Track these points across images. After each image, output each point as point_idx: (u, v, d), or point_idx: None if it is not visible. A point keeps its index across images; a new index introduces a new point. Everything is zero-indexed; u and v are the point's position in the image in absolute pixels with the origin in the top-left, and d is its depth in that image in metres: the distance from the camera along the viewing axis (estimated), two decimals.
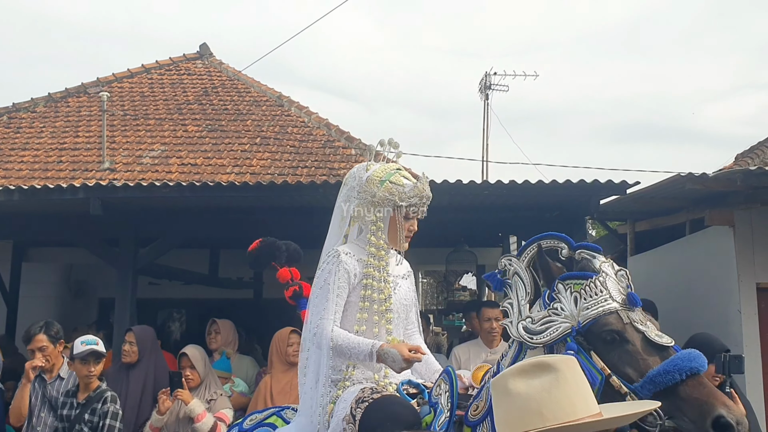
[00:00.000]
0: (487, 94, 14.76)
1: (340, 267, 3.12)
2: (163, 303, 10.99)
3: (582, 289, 2.51)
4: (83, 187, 6.41)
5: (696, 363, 2.31)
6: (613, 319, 2.45)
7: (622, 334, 2.42)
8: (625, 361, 2.39)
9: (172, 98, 11.64)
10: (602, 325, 2.44)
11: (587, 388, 1.91)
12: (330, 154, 9.93)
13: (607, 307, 2.47)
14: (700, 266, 7.51)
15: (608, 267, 2.58)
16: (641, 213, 8.61)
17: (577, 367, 1.93)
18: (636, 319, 2.47)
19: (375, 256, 3.15)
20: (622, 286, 2.54)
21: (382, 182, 3.18)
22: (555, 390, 1.85)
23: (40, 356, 5.13)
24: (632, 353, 2.39)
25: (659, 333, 2.45)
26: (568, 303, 2.52)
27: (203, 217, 7.36)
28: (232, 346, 6.41)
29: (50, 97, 11.44)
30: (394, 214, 3.18)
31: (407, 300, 3.30)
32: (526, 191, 6.48)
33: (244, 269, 10.70)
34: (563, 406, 1.83)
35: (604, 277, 2.53)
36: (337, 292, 3.10)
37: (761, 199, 6.52)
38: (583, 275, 2.55)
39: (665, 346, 2.40)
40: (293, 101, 11.54)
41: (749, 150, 10.09)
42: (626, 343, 2.41)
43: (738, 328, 6.73)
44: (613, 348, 2.42)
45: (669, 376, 2.28)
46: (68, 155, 9.77)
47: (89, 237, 7.17)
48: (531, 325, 2.57)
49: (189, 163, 9.52)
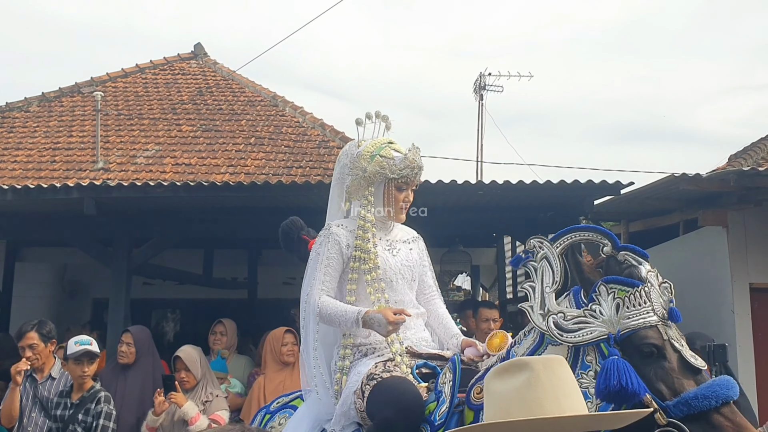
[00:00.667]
0: (481, 95, 14.78)
1: (330, 238, 3.22)
2: (157, 303, 10.98)
3: (627, 297, 2.43)
4: (77, 186, 6.39)
5: (732, 392, 2.30)
6: (653, 333, 2.40)
7: (662, 350, 2.38)
8: (660, 378, 2.36)
9: (166, 98, 11.61)
10: (642, 337, 2.39)
11: (567, 389, 1.87)
12: (325, 155, 9.92)
13: (649, 319, 2.41)
14: (694, 266, 7.54)
15: (653, 277, 2.51)
16: (635, 213, 8.64)
17: (559, 368, 1.91)
18: (673, 336, 2.42)
19: (362, 228, 3.20)
20: (664, 300, 2.48)
21: (372, 157, 3.24)
22: (526, 390, 1.84)
23: (26, 358, 5.10)
24: (668, 371, 2.36)
25: (694, 354, 2.43)
26: (609, 308, 2.44)
27: (197, 217, 7.35)
28: (233, 347, 6.41)
29: (44, 97, 11.40)
30: (386, 187, 3.24)
31: (410, 262, 3.32)
32: (521, 192, 6.50)
33: (238, 269, 10.70)
34: (530, 407, 1.81)
35: (649, 288, 2.46)
36: (326, 262, 3.18)
37: (754, 200, 6.56)
38: (630, 282, 2.46)
39: (699, 369, 2.40)
40: (288, 101, 11.53)
41: (742, 151, 10.11)
42: (663, 359, 2.38)
43: (731, 328, 6.78)
44: (650, 362, 2.38)
45: (705, 402, 2.26)
46: (62, 155, 9.74)
47: (83, 237, 7.15)
48: (563, 322, 2.50)
49: (183, 163, 9.50)
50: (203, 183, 6.61)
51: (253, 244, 10.44)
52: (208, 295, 10.40)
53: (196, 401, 5.25)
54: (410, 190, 3.30)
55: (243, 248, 10.65)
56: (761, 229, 6.93)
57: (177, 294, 10.93)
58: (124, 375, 5.49)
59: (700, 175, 6.47)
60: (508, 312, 9.05)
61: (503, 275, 11.58)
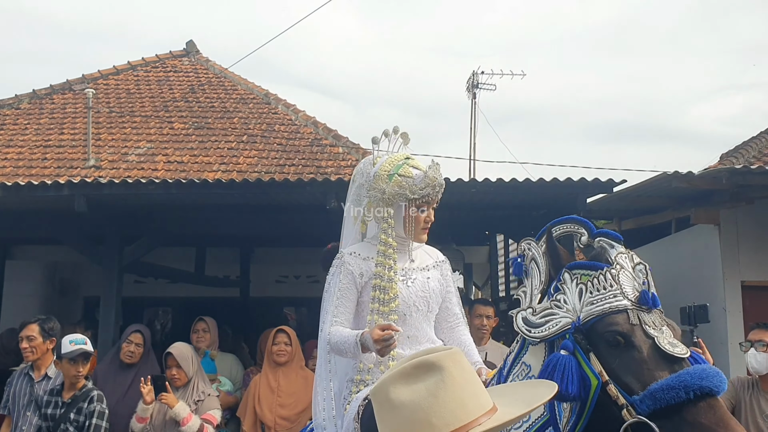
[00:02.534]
0: (474, 93, 14.78)
1: (343, 269, 3.06)
2: (149, 301, 10.95)
3: (590, 281, 2.19)
4: (68, 184, 6.35)
5: (708, 382, 1.97)
6: (620, 318, 2.13)
7: (629, 338, 2.10)
8: (628, 369, 2.08)
9: (158, 95, 11.57)
10: (607, 324, 2.13)
11: (477, 382, 1.70)
12: (317, 153, 9.89)
13: (616, 304, 2.15)
14: (686, 264, 7.56)
15: (625, 259, 2.26)
16: (627, 212, 8.66)
17: (463, 359, 1.73)
18: (649, 321, 2.14)
19: (384, 254, 3.05)
20: (638, 283, 2.21)
21: (390, 177, 3.06)
22: (442, 392, 1.64)
23: (22, 349, 5.09)
24: (637, 361, 2.08)
25: (674, 341, 2.11)
26: (572, 295, 2.23)
27: (189, 215, 7.32)
28: (215, 345, 6.38)
29: (35, 94, 11.34)
30: (406, 208, 3.07)
31: (426, 293, 3.11)
32: (514, 189, 6.49)
33: (230, 267, 10.68)
34: (453, 410, 1.62)
35: (617, 270, 2.20)
36: (338, 294, 3.03)
37: (746, 198, 6.57)
38: (593, 266, 2.24)
39: (677, 358, 2.07)
40: (280, 99, 11.49)
41: (734, 150, 10.14)
42: (632, 348, 2.10)
43: (723, 326, 6.80)
44: (617, 352, 2.11)
45: (672, 393, 1.97)
46: (53, 152, 9.68)
47: (74, 234, 7.11)
48: (531, 317, 2.31)
49: (175, 160, 9.46)
50: (195, 180, 6.58)
51: (246, 242, 10.42)
52: (200, 294, 10.36)
53: (188, 400, 5.21)
54: (431, 209, 3.11)
55: (235, 246, 10.63)
56: (753, 227, 6.96)
57: (169, 292, 10.89)
58: (124, 374, 5.47)
59: (692, 173, 6.49)
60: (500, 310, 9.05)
61: (496, 273, 11.59)
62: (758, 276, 6.95)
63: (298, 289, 11.33)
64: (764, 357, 4.44)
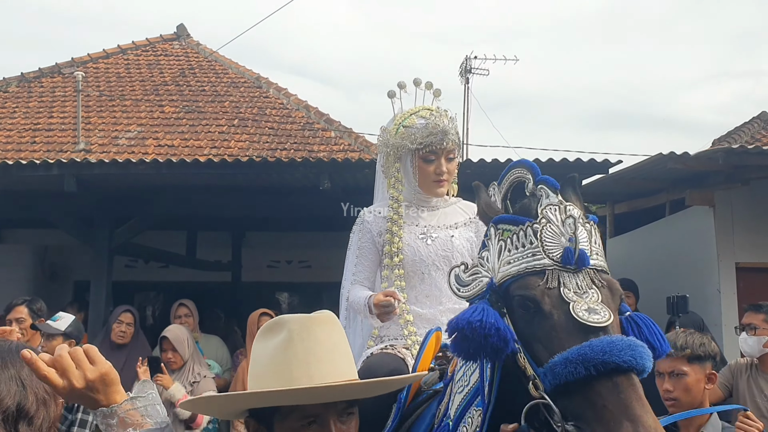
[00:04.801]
0: (467, 78, 14.70)
1: (363, 227, 3.02)
2: (140, 286, 10.87)
3: (510, 237, 1.91)
4: (57, 163, 6.27)
5: (614, 357, 1.66)
6: (534, 281, 1.84)
7: (539, 303, 1.82)
8: (539, 338, 1.81)
9: (148, 79, 11.46)
10: (519, 286, 1.86)
11: (323, 353, 1.63)
12: (309, 137, 9.83)
13: (534, 263, 1.85)
14: (680, 246, 7.54)
15: (555, 212, 1.91)
16: (621, 195, 8.64)
17: (320, 327, 1.65)
18: (572, 284, 1.82)
19: (393, 209, 2.97)
20: (565, 239, 1.87)
21: (397, 130, 2.97)
22: (280, 354, 1.61)
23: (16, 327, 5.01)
24: (548, 329, 1.80)
25: (594, 308, 1.78)
26: (493, 253, 1.97)
27: (180, 197, 7.25)
28: (197, 328, 6.32)
29: (23, 77, 11.21)
30: (412, 160, 2.95)
31: (448, 251, 2.93)
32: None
33: (221, 252, 10.61)
34: (280, 372, 1.60)
35: (541, 225, 1.88)
36: (357, 252, 2.99)
37: (741, 179, 6.54)
38: (515, 220, 1.94)
39: (592, 327, 1.74)
40: (271, 83, 11.41)
41: (726, 135, 10.15)
42: (543, 314, 1.81)
43: (717, 307, 6.78)
44: (530, 317, 1.84)
45: (570, 368, 1.67)
46: (42, 136, 9.59)
47: (64, 216, 7.03)
48: (462, 274, 2.07)
49: (166, 144, 9.38)
50: (186, 160, 6.51)
51: (237, 225, 10.36)
52: (191, 278, 10.30)
53: (184, 382, 5.17)
54: (443, 159, 2.91)
55: (226, 230, 10.57)
56: (748, 209, 6.94)
57: (160, 277, 10.83)
58: (117, 355, 5.40)
59: (688, 154, 6.45)
60: None
61: None
62: (752, 258, 6.93)
63: (291, 274, 11.27)
64: (755, 341, 4.41)
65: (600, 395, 1.64)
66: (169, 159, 6.41)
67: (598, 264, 1.87)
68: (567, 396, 1.69)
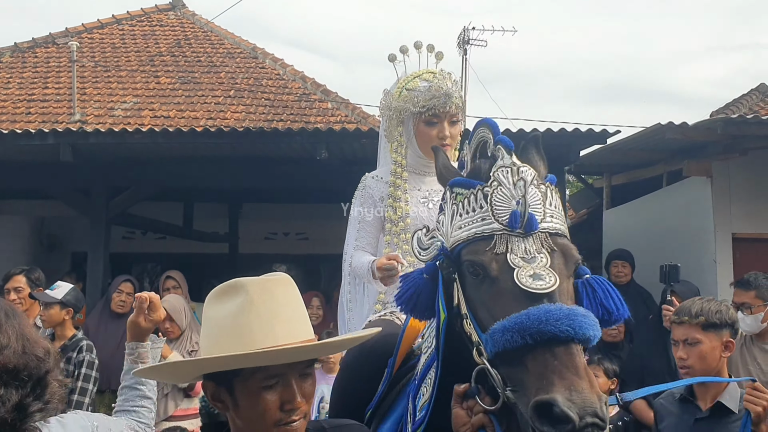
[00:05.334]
0: (465, 49, 14.59)
1: (364, 192, 3.01)
2: (137, 257, 10.87)
3: (462, 201, 1.87)
4: (53, 132, 6.24)
5: (550, 326, 1.62)
6: (481, 246, 1.80)
7: (485, 268, 1.77)
8: (484, 303, 1.78)
9: (144, 50, 11.38)
10: (469, 252, 1.82)
11: (286, 314, 1.67)
12: (306, 108, 9.78)
13: (483, 228, 1.80)
14: (677, 217, 7.55)
15: (505, 174, 1.84)
16: (618, 166, 8.62)
17: (280, 289, 1.68)
18: (519, 249, 1.77)
19: (395, 174, 2.94)
20: (515, 202, 1.81)
21: (400, 93, 2.92)
22: (240, 317, 1.64)
23: (14, 296, 5.02)
24: (493, 295, 1.76)
25: (539, 273, 1.73)
26: (447, 217, 1.93)
27: (176, 167, 7.23)
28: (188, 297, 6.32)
29: (17, 47, 11.12)
30: (414, 124, 2.91)
31: None
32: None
33: (218, 223, 10.61)
34: (241, 335, 1.62)
35: (492, 188, 1.83)
36: (359, 218, 2.99)
37: (740, 149, 6.52)
38: (467, 183, 1.90)
39: (536, 294, 1.70)
40: (267, 53, 11.34)
41: (724, 107, 10.11)
42: (489, 280, 1.77)
43: (713, 277, 6.80)
44: (478, 283, 1.80)
45: (507, 336, 1.64)
46: (37, 107, 9.53)
47: (61, 186, 7.01)
48: (423, 237, 2.04)
49: (162, 115, 9.33)
50: (182, 129, 6.47)
51: (234, 197, 10.34)
52: (188, 249, 10.30)
53: (182, 351, 5.20)
54: (447, 123, 2.87)
55: (223, 202, 10.55)
56: (745, 179, 6.93)
57: (157, 248, 10.83)
58: (116, 324, 5.44)
59: (686, 124, 6.43)
60: None
61: None
62: (749, 228, 6.93)
63: (288, 246, 11.28)
64: (752, 319, 4.39)
65: (537, 363, 1.61)
66: (165, 128, 6.37)
67: (552, 227, 1.81)
68: (508, 363, 1.67)
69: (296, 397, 1.64)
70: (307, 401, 1.67)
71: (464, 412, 1.79)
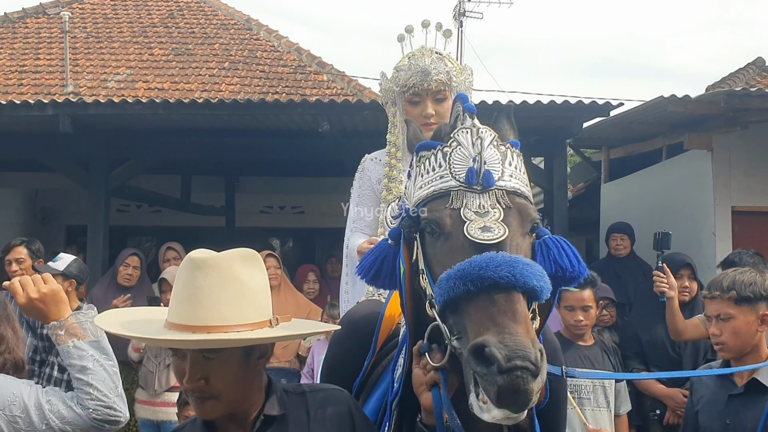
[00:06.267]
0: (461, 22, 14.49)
1: (363, 174, 3.02)
2: (133, 230, 10.81)
3: (424, 162, 1.91)
4: (52, 103, 6.15)
5: (490, 272, 1.62)
6: (439, 203, 1.82)
7: (441, 225, 1.80)
8: (437, 257, 1.80)
9: (136, 20, 11.23)
10: (427, 210, 1.85)
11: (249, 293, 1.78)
12: (301, 80, 9.71)
13: (441, 186, 1.83)
14: (677, 190, 7.56)
15: (465, 134, 1.86)
16: (617, 139, 8.61)
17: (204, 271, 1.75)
18: (474, 204, 1.79)
19: (390, 154, 2.93)
20: (473, 159, 1.83)
21: (392, 74, 2.90)
22: (191, 290, 1.76)
23: (12, 272, 4.98)
24: (446, 249, 1.78)
25: (489, 226, 1.75)
26: (413, 180, 1.96)
27: (176, 139, 7.17)
28: None
29: (6, 18, 10.94)
30: (402, 104, 2.86)
31: None
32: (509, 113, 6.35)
33: (215, 196, 10.56)
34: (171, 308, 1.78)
35: (452, 148, 1.85)
36: (357, 200, 3.00)
37: (741, 122, 6.52)
38: (429, 145, 1.92)
39: (484, 245, 1.71)
40: (262, 25, 11.22)
41: (720, 81, 10.09)
42: (443, 235, 1.79)
43: (712, 251, 6.82)
44: (434, 240, 1.82)
45: (450, 283, 1.65)
46: (29, 78, 9.40)
47: (60, 158, 6.92)
48: (395, 207, 2.08)
49: (156, 87, 9.23)
50: (183, 101, 6.40)
51: (231, 170, 10.28)
52: (185, 223, 10.26)
53: None
54: (430, 101, 2.80)
55: (220, 175, 10.49)
56: (746, 153, 6.94)
57: (153, 221, 10.78)
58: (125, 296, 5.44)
59: (688, 97, 6.41)
60: None
61: None
62: (748, 201, 6.95)
63: (284, 219, 11.26)
64: None
65: (477, 310, 1.62)
66: (165, 99, 6.30)
67: (509, 185, 1.82)
68: (454, 312, 1.67)
69: (185, 373, 1.73)
70: (209, 382, 1.74)
71: (422, 371, 1.78)
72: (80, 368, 2.15)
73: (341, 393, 1.97)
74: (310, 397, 1.90)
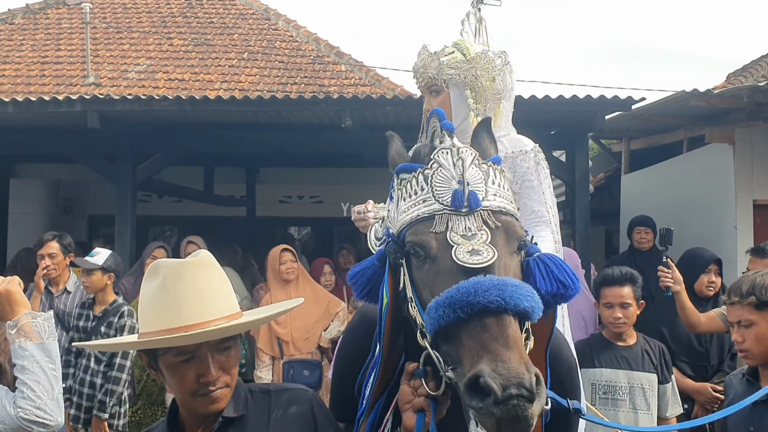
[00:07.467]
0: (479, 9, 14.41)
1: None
2: (155, 220, 10.92)
3: (405, 186, 1.86)
4: (80, 99, 6.21)
5: (480, 297, 1.57)
6: (423, 227, 1.77)
7: (426, 248, 1.75)
8: (426, 283, 1.75)
9: (155, 11, 11.28)
10: (411, 233, 1.80)
11: (201, 294, 1.79)
12: (320, 71, 9.74)
13: (424, 210, 1.79)
14: (698, 183, 7.57)
15: (445, 155, 1.83)
16: (638, 131, 8.61)
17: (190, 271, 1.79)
18: (460, 227, 1.74)
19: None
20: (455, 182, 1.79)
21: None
22: (157, 297, 1.78)
23: (45, 267, 5.08)
24: (433, 274, 1.73)
25: (477, 249, 1.70)
26: (395, 203, 1.92)
27: (201, 133, 7.23)
28: None
29: (28, 9, 11.02)
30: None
31: None
32: (531, 106, 6.36)
33: (236, 187, 10.65)
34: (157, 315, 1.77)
35: (432, 170, 1.82)
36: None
37: (763, 116, 6.51)
38: (409, 168, 1.88)
39: (472, 269, 1.66)
40: (280, 14, 11.25)
41: (741, 69, 10.07)
42: (430, 259, 1.75)
43: (733, 244, 6.83)
44: (420, 264, 1.77)
45: (440, 312, 1.60)
46: (51, 69, 9.48)
47: (87, 152, 7.00)
48: (379, 228, 2.07)
49: (176, 78, 9.30)
50: (209, 97, 6.45)
51: (251, 161, 10.35)
52: (206, 212, 10.35)
53: None
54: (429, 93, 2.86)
55: (241, 166, 10.57)
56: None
57: (175, 211, 10.88)
58: None
59: (711, 91, 6.41)
60: None
61: None
62: None
63: (303, 209, 11.34)
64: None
65: (470, 337, 1.57)
66: (192, 96, 6.35)
67: (495, 205, 1.78)
68: (446, 341, 1.63)
69: (210, 370, 1.77)
70: (227, 372, 1.81)
71: (410, 390, 1.75)
72: (20, 368, 2.26)
73: (305, 392, 1.98)
74: (274, 396, 1.94)
